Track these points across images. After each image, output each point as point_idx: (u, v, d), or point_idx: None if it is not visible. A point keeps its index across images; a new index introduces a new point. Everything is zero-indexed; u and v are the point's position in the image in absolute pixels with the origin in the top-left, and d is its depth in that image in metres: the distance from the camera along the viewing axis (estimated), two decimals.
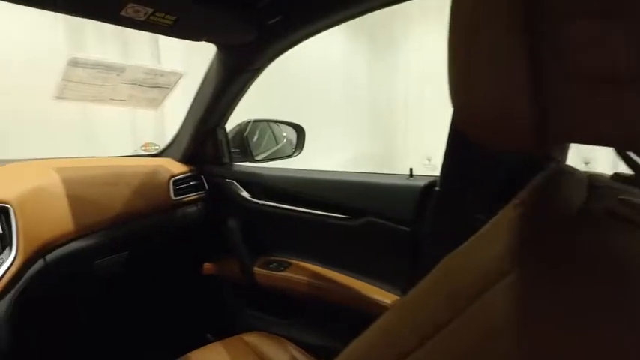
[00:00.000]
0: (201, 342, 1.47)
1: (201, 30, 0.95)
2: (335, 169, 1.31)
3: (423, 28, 4.62)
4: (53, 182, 1.05)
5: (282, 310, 1.28)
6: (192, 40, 1.00)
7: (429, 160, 4.18)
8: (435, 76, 4.63)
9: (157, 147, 1.68)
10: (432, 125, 4.73)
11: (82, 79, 1.18)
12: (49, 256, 0.98)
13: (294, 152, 1.54)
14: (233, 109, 1.34)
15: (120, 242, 1.18)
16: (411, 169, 1.06)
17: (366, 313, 1.07)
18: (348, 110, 4.79)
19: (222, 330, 1.43)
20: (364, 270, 1.13)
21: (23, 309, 0.90)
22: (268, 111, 1.48)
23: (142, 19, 0.82)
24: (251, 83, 1.24)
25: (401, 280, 1.05)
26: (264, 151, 1.55)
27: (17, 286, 0.89)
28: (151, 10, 0.80)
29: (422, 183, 1.00)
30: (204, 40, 1.03)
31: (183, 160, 1.42)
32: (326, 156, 1.53)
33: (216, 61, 1.17)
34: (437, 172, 0.93)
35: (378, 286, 1.09)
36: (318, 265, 1.21)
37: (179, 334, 1.50)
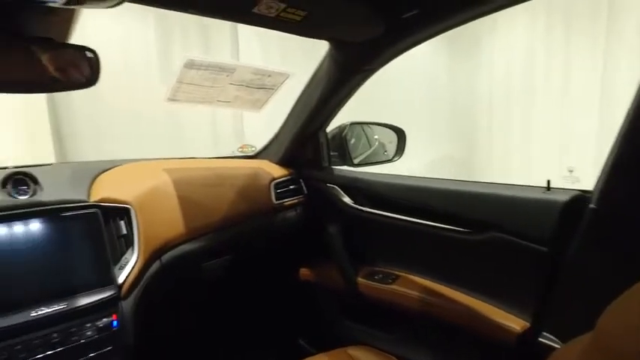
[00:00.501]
0: (293, 347, 1.44)
1: (329, 25, 0.89)
2: (416, 172, 1.23)
3: (510, 25, 4.34)
4: (166, 183, 1.06)
5: (388, 325, 1.20)
6: (317, 37, 0.95)
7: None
8: (521, 77, 4.34)
9: (253, 148, 1.67)
10: (518, 128, 4.45)
11: (193, 81, 1.18)
12: (164, 258, 0.99)
13: (394, 156, 1.45)
14: (338, 111, 1.29)
15: (225, 246, 1.17)
16: (548, 181, 0.93)
17: (486, 336, 0.96)
18: (431, 111, 4.63)
19: (318, 338, 1.38)
20: (486, 289, 1.01)
21: (145, 308, 0.91)
22: (350, 113, 1.41)
23: (273, 15, 0.78)
24: (362, 84, 1.17)
25: (532, 303, 0.93)
26: (360, 155, 1.49)
27: (140, 286, 0.90)
28: (283, 6, 0.75)
29: (564, 198, 0.87)
30: (325, 39, 0.98)
31: (281, 163, 1.39)
32: (406, 158, 1.44)
33: (329, 60, 1.11)
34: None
35: (502, 309, 0.98)
36: (430, 280, 1.12)
37: (273, 338, 1.48)
